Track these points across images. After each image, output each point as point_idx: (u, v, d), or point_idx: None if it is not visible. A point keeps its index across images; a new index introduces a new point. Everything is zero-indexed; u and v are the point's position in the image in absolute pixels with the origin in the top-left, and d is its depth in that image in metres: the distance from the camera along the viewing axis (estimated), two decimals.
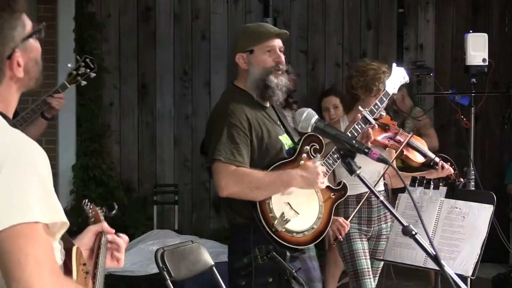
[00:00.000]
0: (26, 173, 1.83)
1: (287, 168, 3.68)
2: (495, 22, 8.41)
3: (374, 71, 4.55)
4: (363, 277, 4.58)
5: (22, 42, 1.99)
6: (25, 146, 1.88)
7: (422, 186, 4.19)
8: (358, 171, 2.59)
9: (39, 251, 1.79)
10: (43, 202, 1.84)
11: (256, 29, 3.85)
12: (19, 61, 1.98)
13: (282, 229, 3.62)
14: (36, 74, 2.04)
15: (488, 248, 4.00)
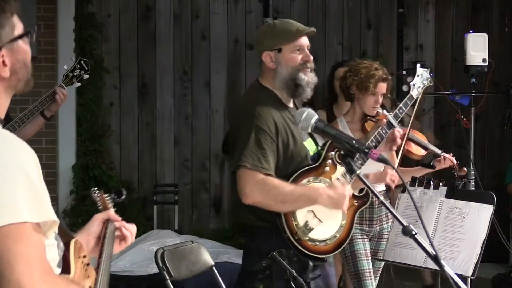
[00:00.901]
0: (13, 173, 1.83)
1: (311, 175, 3.61)
2: (495, 22, 8.41)
3: (366, 69, 4.55)
4: (364, 278, 4.57)
5: (10, 43, 1.98)
6: (12, 145, 1.89)
7: (422, 186, 4.19)
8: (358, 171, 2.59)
9: (29, 251, 1.79)
10: (31, 202, 1.83)
11: (284, 27, 3.74)
12: (5, 61, 1.97)
13: (305, 237, 3.55)
14: (25, 76, 2.04)
15: (488, 248, 4.00)
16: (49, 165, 7.72)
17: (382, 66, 4.61)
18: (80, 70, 4.93)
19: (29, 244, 1.80)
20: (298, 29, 3.69)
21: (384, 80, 4.53)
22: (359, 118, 4.62)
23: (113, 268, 6.53)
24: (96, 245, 2.52)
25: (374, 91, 4.50)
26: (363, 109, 4.57)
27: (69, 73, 4.92)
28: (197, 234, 7.50)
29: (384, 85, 4.53)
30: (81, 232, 2.50)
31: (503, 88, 6.26)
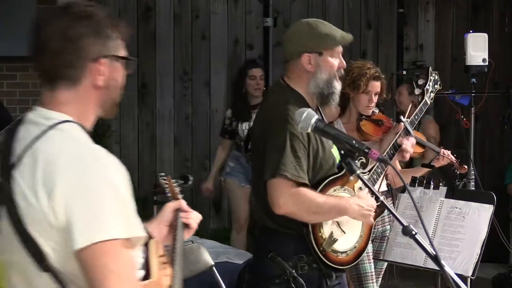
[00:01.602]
0: (103, 190, 1.90)
1: (337, 184, 3.55)
2: (495, 22, 8.41)
3: (359, 68, 4.56)
4: (366, 281, 4.57)
5: (112, 58, 2.07)
6: (103, 162, 1.95)
7: (422, 186, 4.19)
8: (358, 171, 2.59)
9: (120, 267, 1.88)
10: (121, 218, 1.91)
11: (328, 31, 3.67)
12: (102, 70, 2.04)
13: (329, 249, 3.52)
14: (114, 97, 2.09)
15: (488, 248, 4.00)
16: None
17: (375, 66, 4.62)
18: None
19: (119, 260, 1.89)
20: (343, 36, 3.69)
21: (376, 78, 4.52)
22: (354, 118, 4.62)
23: None
24: (168, 233, 2.57)
25: (366, 90, 4.49)
26: (358, 109, 4.57)
27: None
28: (197, 234, 7.46)
29: (377, 84, 4.52)
30: (154, 221, 2.57)
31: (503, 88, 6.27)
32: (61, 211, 1.89)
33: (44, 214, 1.90)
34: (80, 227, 1.87)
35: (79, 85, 2.03)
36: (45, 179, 1.91)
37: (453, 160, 4.63)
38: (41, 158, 1.94)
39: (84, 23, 2.03)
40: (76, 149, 1.95)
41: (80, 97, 2.03)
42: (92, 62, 2.02)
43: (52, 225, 1.90)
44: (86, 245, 1.86)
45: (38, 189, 1.91)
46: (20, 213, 1.94)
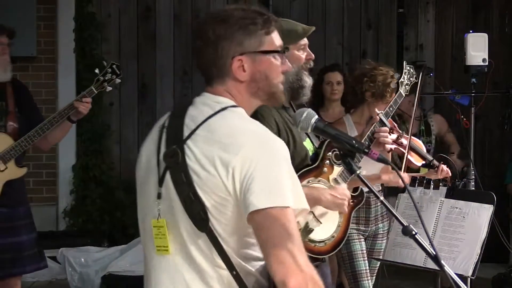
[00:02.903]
0: (279, 161, 2.18)
1: (311, 175, 3.60)
2: (495, 22, 8.41)
3: (383, 76, 4.55)
4: (361, 278, 4.58)
5: (252, 54, 2.31)
6: (274, 139, 2.24)
7: (422, 186, 4.19)
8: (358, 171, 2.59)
9: (293, 232, 2.13)
10: (293, 190, 2.17)
11: (289, 27, 3.66)
12: (244, 66, 2.31)
13: (306, 239, 3.56)
14: (266, 87, 2.35)
15: (488, 248, 4.00)
16: (49, 165, 7.73)
17: (394, 72, 4.62)
18: (111, 74, 4.93)
19: (291, 224, 2.13)
20: (304, 28, 3.67)
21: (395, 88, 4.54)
22: (365, 120, 4.64)
23: (113, 268, 6.54)
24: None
25: (388, 100, 4.50)
26: (372, 114, 4.57)
27: (100, 77, 4.91)
28: None
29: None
30: None
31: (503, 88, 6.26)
32: (240, 175, 2.13)
33: (219, 179, 2.15)
34: (259, 192, 2.11)
35: (226, 81, 2.31)
36: (224, 149, 2.16)
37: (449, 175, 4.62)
38: (218, 131, 2.20)
39: (221, 27, 2.29)
40: (251, 126, 2.24)
41: (233, 92, 2.32)
42: (231, 58, 2.29)
43: (228, 190, 2.15)
44: (263, 208, 2.10)
45: (217, 158, 2.15)
46: (191, 177, 2.18)
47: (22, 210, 4.88)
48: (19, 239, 4.83)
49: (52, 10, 7.70)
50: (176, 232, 2.25)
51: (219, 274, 2.22)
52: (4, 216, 4.79)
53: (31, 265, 4.95)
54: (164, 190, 2.29)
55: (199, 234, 2.20)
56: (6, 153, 4.75)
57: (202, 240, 2.20)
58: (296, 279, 2.10)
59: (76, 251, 6.86)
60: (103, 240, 7.37)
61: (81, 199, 7.74)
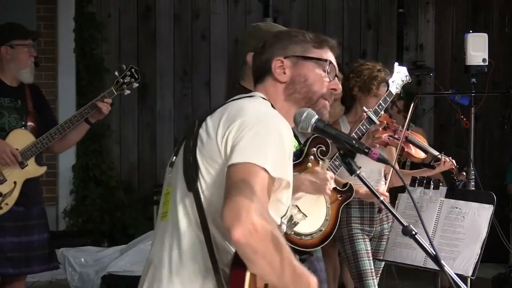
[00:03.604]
0: (272, 133, 2.23)
1: (294, 171, 3.63)
2: (495, 22, 8.42)
3: (369, 70, 4.56)
4: (366, 278, 4.57)
5: (296, 58, 2.44)
6: (278, 117, 2.31)
7: (422, 186, 4.19)
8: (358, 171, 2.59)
9: (257, 187, 2.12)
10: (277, 158, 2.20)
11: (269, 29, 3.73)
12: (285, 69, 2.43)
13: (291, 232, 3.58)
14: (303, 92, 2.45)
15: (488, 248, 4.00)
16: (49, 165, 7.70)
17: (384, 67, 4.63)
18: (130, 77, 4.94)
19: (259, 183, 2.13)
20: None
21: (386, 82, 4.54)
22: None
23: (113, 268, 6.53)
24: None
25: (376, 93, 4.51)
26: None
27: (120, 79, 4.93)
28: None
29: (385, 88, 4.54)
30: None
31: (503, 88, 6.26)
32: (232, 138, 2.21)
33: (216, 142, 2.24)
34: (243, 148, 2.17)
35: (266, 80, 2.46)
36: (228, 119, 2.26)
37: (454, 166, 4.63)
38: (231, 108, 2.31)
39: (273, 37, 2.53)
40: (260, 106, 2.34)
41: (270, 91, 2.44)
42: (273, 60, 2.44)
43: (220, 153, 2.22)
44: (240, 161, 2.15)
45: (221, 125, 2.26)
46: (195, 142, 2.29)
47: (36, 210, 4.90)
48: (30, 239, 4.85)
49: (52, 10, 7.71)
50: (175, 196, 2.33)
51: (194, 234, 2.23)
52: (21, 215, 4.81)
53: (41, 265, 4.96)
54: (176, 159, 2.39)
55: (188, 193, 2.25)
56: (28, 150, 4.77)
57: (188, 199, 2.25)
58: (242, 229, 2.04)
59: (76, 251, 6.86)
60: (103, 240, 7.37)
61: (81, 199, 7.74)
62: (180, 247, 2.25)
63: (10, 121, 4.84)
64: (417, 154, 4.70)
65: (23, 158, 4.75)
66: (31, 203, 4.86)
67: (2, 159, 4.69)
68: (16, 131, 4.81)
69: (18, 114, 4.87)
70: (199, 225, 2.22)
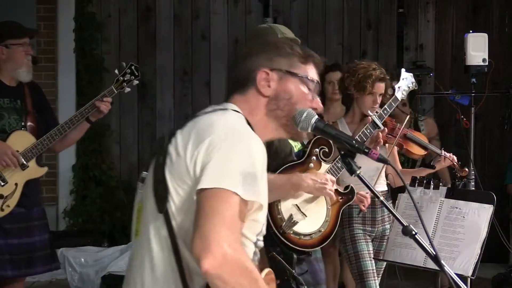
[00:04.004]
0: (242, 152, 2.15)
1: (295, 170, 3.64)
2: (495, 22, 8.41)
3: (364, 69, 4.56)
4: (367, 278, 4.57)
5: (282, 72, 2.35)
6: (250, 135, 2.22)
7: (422, 186, 4.19)
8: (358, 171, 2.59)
9: (227, 214, 2.06)
10: (247, 180, 2.12)
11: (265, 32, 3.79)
12: (270, 82, 2.33)
13: (290, 231, 3.58)
14: (286, 109, 2.35)
15: (488, 248, 4.00)
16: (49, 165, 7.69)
17: (380, 66, 4.63)
18: (130, 75, 4.93)
19: (229, 209, 2.07)
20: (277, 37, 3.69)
21: (381, 80, 4.54)
22: (358, 119, 4.63)
23: (113, 268, 6.53)
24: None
25: (371, 91, 4.51)
26: (362, 109, 4.58)
27: (120, 77, 4.93)
28: None
29: (382, 85, 4.54)
30: None
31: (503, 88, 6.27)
32: (201, 160, 2.13)
33: (185, 162, 2.16)
34: (212, 172, 2.10)
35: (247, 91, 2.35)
36: (198, 137, 2.18)
37: (455, 162, 4.64)
38: (200, 123, 2.23)
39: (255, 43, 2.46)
40: (231, 122, 2.24)
41: (250, 102, 2.34)
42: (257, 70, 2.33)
43: (189, 173, 2.15)
44: (210, 187, 2.08)
45: (190, 143, 2.18)
46: (165, 159, 2.21)
47: (36, 211, 4.90)
48: (32, 240, 4.85)
49: (52, 10, 7.70)
50: (145, 215, 2.29)
51: (166, 258, 2.18)
52: (22, 216, 4.80)
53: (43, 266, 4.96)
54: (147, 175, 2.32)
55: (158, 215, 2.20)
56: (28, 151, 4.76)
57: (159, 221, 2.20)
58: (212, 260, 2.01)
59: (76, 251, 6.86)
60: (103, 240, 7.37)
61: (81, 199, 7.74)
62: (153, 271, 2.20)
63: (10, 122, 4.83)
64: (417, 151, 4.70)
65: (24, 159, 4.75)
66: (31, 204, 4.86)
67: (4, 161, 4.69)
68: (16, 132, 4.80)
69: (17, 114, 4.86)
70: (170, 249, 2.17)
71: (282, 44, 2.41)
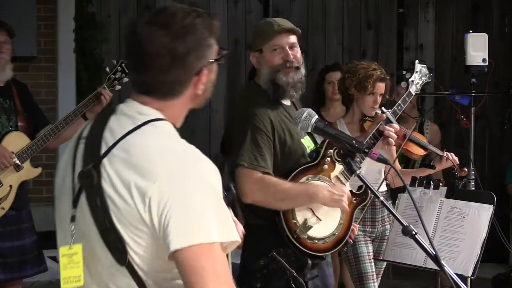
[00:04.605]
0: (200, 190, 1.92)
1: (310, 173, 3.60)
2: (495, 22, 8.41)
3: (365, 69, 4.56)
4: (367, 281, 4.56)
5: (210, 63, 2.06)
6: (197, 162, 1.97)
7: (422, 186, 4.19)
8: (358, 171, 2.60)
9: (217, 267, 1.90)
10: (219, 221, 1.92)
11: (263, 27, 3.74)
12: (203, 79, 2.05)
13: (304, 236, 3.53)
14: (209, 95, 2.11)
15: (488, 248, 4.00)
16: (49, 165, 7.72)
17: (380, 66, 4.62)
18: (121, 72, 4.92)
19: (217, 261, 1.91)
20: (274, 29, 3.65)
21: (382, 80, 4.53)
22: (358, 119, 4.62)
23: None
24: None
25: (372, 91, 4.50)
26: (362, 109, 4.58)
27: (112, 75, 4.91)
28: None
29: (382, 85, 4.54)
30: None
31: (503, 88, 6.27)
32: (157, 211, 1.89)
33: (135, 210, 1.91)
34: (179, 228, 1.88)
35: (179, 97, 2.07)
36: (140, 175, 1.91)
37: (456, 162, 4.63)
38: (135, 153, 1.95)
39: (189, 40, 2.00)
40: (173, 148, 1.98)
41: (177, 108, 2.09)
42: (196, 75, 2.04)
43: (144, 222, 1.91)
44: (184, 247, 1.87)
45: (132, 185, 1.91)
46: (107, 203, 1.94)
47: (25, 213, 4.89)
48: (23, 242, 4.83)
49: (52, 10, 7.70)
50: (91, 261, 2.01)
51: None
52: (13, 219, 4.79)
53: (33, 268, 4.94)
54: (79, 213, 2.00)
55: (118, 267, 1.95)
56: (23, 153, 4.74)
57: (122, 274, 1.96)
58: None
59: None
60: None
61: None
62: None
63: (3, 123, 4.81)
64: (416, 151, 4.69)
65: (19, 160, 4.73)
66: (21, 206, 4.84)
67: (2, 163, 4.68)
68: (12, 133, 4.78)
69: (6, 114, 4.84)
70: None
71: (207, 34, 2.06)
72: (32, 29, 7.46)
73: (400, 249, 4.06)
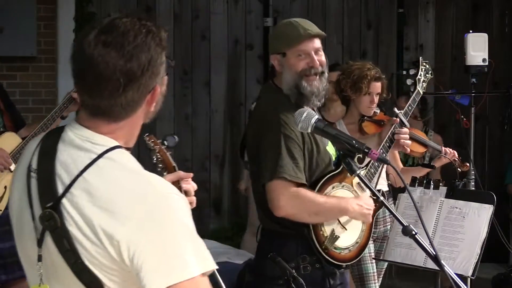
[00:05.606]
0: (174, 228, 1.84)
1: (335, 181, 3.55)
2: (495, 22, 8.42)
3: (359, 70, 4.56)
4: (368, 281, 4.57)
5: (162, 78, 1.97)
6: (164, 199, 1.87)
7: (422, 186, 4.19)
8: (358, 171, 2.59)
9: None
10: (196, 253, 1.85)
11: (288, 31, 3.57)
12: (156, 96, 1.97)
13: (332, 247, 3.51)
14: (159, 107, 2.02)
15: (488, 248, 4.00)
16: None
17: (374, 66, 4.62)
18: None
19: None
20: (300, 34, 3.53)
21: (377, 79, 4.53)
22: (356, 119, 4.63)
23: None
24: None
25: (368, 91, 4.50)
26: (359, 110, 4.58)
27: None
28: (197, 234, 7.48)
29: (378, 84, 4.53)
30: None
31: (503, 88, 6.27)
32: (127, 254, 1.82)
33: (105, 251, 1.84)
34: (154, 270, 1.81)
35: (132, 117, 1.97)
36: (107, 219, 1.83)
37: (456, 156, 4.62)
38: (98, 196, 1.86)
39: (143, 59, 1.90)
40: (136, 187, 1.88)
41: (130, 124, 1.99)
42: (149, 93, 1.95)
43: (116, 262, 1.84)
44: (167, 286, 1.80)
45: (98, 228, 1.83)
46: (75, 245, 1.86)
47: None
48: None
49: (52, 10, 7.70)
50: None
51: None
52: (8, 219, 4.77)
53: None
54: (46, 252, 1.91)
55: None
56: (17, 153, 4.74)
57: None
58: None
59: None
60: None
61: None
62: None
63: None
64: (416, 148, 4.68)
65: (13, 161, 4.73)
66: None
67: (1, 165, 4.68)
68: (5, 134, 4.77)
69: None
70: None
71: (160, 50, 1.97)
72: (32, 29, 7.46)
73: (400, 249, 4.06)
